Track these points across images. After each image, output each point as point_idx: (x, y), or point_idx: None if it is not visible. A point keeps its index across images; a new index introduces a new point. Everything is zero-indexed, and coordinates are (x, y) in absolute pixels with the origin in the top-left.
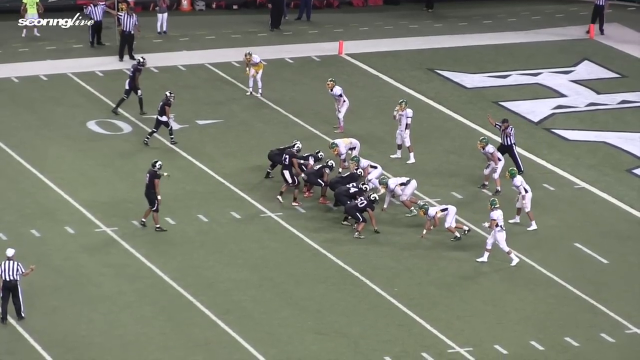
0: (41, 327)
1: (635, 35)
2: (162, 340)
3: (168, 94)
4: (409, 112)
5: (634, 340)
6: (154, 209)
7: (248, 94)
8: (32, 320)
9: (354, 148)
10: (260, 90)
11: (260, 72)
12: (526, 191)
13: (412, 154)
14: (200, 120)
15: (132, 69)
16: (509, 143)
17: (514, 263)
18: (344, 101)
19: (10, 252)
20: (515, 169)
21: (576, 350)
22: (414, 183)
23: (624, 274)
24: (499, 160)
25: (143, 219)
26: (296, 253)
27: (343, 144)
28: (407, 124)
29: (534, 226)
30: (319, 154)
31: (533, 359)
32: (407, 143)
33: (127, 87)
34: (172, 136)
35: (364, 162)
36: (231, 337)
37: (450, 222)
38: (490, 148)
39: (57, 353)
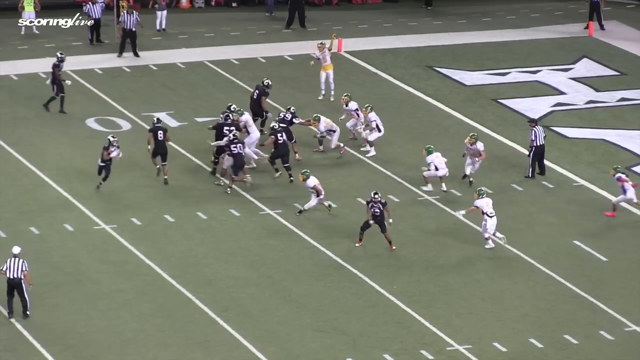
0: (40, 324)
1: (634, 33)
2: (161, 338)
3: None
4: (372, 116)
5: (632, 337)
6: (165, 162)
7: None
8: (31, 318)
9: (334, 131)
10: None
11: (330, 72)
12: (490, 216)
13: (372, 148)
14: (199, 118)
15: (52, 65)
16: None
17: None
18: (358, 116)
19: (16, 249)
20: (484, 189)
21: (575, 348)
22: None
23: (623, 272)
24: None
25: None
26: (295, 250)
27: (324, 122)
28: (377, 126)
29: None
30: (292, 109)
31: (532, 356)
32: (371, 138)
33: (49, 83)
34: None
35: (322, 125)
36: (230, 335)
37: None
38: (480, 145)
39: (56, 350)
